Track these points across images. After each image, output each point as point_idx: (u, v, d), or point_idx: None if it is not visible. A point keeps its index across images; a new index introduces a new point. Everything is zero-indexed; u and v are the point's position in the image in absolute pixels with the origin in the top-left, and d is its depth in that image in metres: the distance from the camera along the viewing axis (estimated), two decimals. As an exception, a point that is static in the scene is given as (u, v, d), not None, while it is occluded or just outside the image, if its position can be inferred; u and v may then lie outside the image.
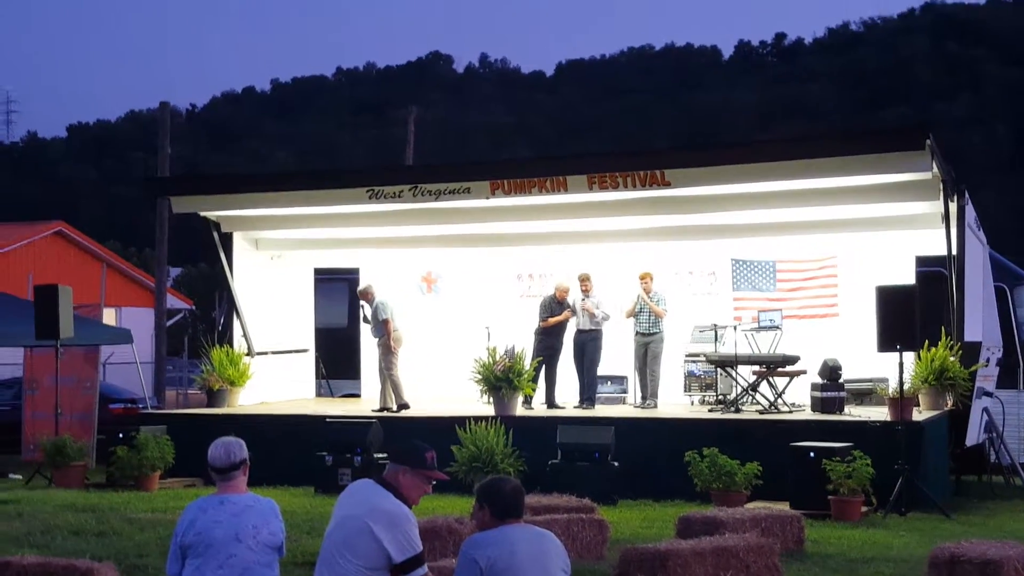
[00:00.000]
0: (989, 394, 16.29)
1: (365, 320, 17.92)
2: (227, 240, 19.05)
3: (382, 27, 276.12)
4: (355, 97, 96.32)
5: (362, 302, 17.91)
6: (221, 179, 23.70)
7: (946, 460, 15.32)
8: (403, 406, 17.06)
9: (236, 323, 18.88)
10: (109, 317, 29.28)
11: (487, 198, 16.64)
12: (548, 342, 17.13)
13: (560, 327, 17.24)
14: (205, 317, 46.07)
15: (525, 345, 16.82)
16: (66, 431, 16.96)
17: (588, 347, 17.08)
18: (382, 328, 17.28)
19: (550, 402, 17.04)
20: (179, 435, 16.06)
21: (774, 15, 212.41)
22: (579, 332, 17.18)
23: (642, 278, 17.13)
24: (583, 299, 17.10)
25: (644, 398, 16.96)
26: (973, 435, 15.50)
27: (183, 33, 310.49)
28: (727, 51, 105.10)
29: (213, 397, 17.89)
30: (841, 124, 66.48)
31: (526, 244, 18.97)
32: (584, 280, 17.21)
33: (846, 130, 49.81)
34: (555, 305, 17.24)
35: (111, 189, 73.39)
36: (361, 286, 18.17)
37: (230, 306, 19.17)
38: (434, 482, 5.94)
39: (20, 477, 16.86)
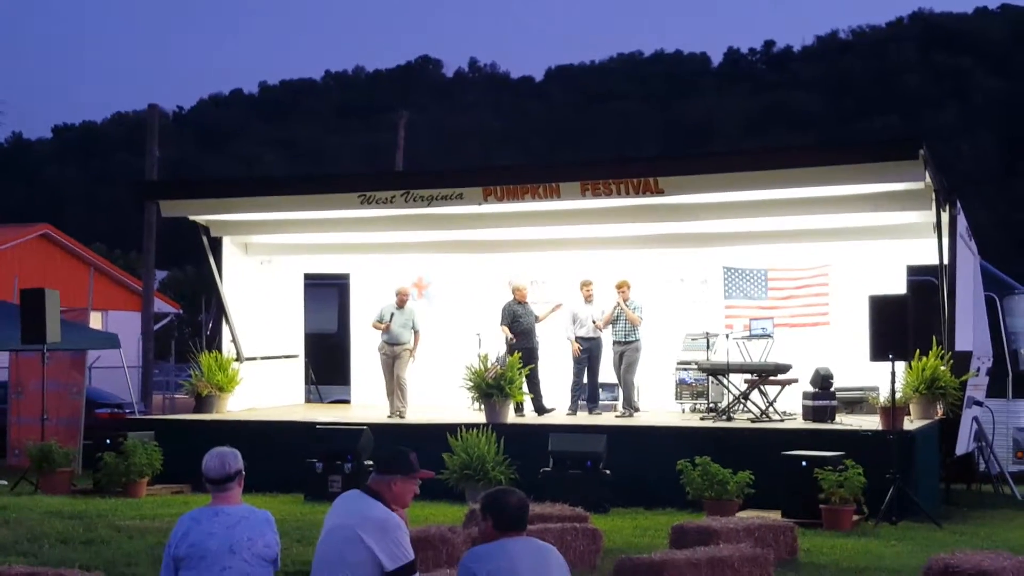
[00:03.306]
0: (979, 403, 16.31)
1: (380, 322, 17.53)
2: (216, 244, 18.93)
3: (371, 31, 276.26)
4: (344, 100, 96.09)
5: (393, 304, 17.55)
6: (211, 183, 23.61)
7: (937, 469, 15.29)
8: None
9: (225, 328, 18.74)
10: (96, 321, 29.15)
11: (480, 204, 16.61)
12: (523, 346, 16.94)
13: (530, 331, 17.15)
14: (192, 321, 45.88)
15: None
16: (52, 436, 16.77)
17: (593, 354, 17.12)
18: (411, 335, 17.43)
19: (539, 408, 16.96)
20: (167, 441, 15.97)
21: (763, 23, 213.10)
22: (586, 339, 17.11)
23: (619, 287, 17.09)
24: (587, 306, 17.13)
25: (622, 407, 16.96)
26: (963, 444, 15.50)
27: (170, 34, 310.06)
28: (716, 58, 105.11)
29: (201, 402, 17.77)
30: (829, 132, 66.65)
31: (518, 251, 18.87)
32: (586, 286, 17.20)
33: (840, 139, 49.91)
34: (516, 307, 17.16)
35: (96, 191, 72.96)
36: (399, 287, 17.86)
37: (219, 311, 19.03)
38: (420, 481, 5.98)
39: (6, 483, 16.69)
